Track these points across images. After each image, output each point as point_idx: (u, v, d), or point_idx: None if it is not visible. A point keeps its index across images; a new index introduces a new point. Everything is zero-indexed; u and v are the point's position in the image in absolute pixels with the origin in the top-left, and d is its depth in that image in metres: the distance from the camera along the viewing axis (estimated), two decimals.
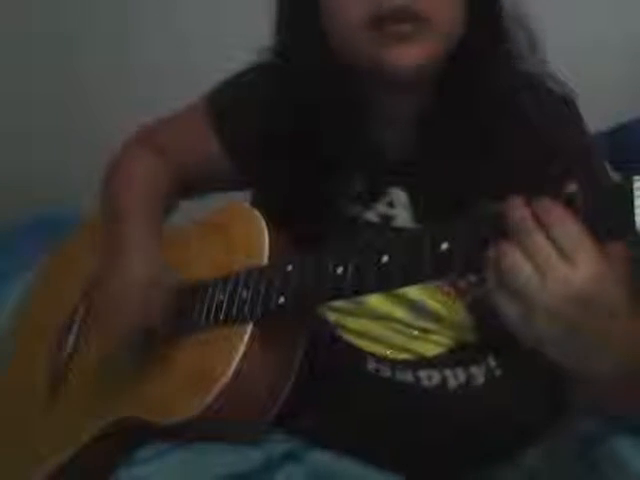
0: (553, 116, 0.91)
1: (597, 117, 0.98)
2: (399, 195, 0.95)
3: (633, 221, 0.63)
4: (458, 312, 0.93)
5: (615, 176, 0.96)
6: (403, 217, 0.95)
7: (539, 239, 0.66)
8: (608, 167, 0.95)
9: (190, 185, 1.08)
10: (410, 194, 0.95)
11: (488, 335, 0.92)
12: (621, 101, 1.46)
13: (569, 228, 0.66)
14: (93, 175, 1.11)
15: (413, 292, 0.94)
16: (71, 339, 1.07)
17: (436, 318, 0.94)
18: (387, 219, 0.95)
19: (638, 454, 1.00)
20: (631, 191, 0.63)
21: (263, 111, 0.97)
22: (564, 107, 0.93)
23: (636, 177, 0.63)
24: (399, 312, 0.95)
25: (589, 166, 0.89)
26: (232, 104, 1.04)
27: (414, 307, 0.94)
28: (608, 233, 0.65)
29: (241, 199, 1.05)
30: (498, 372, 0.93)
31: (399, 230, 0.94)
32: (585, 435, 1.01)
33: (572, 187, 0.67)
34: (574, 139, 0.91)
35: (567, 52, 0.88)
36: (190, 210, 1.09)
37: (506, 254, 0.67)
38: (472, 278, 0.91)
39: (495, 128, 0.89)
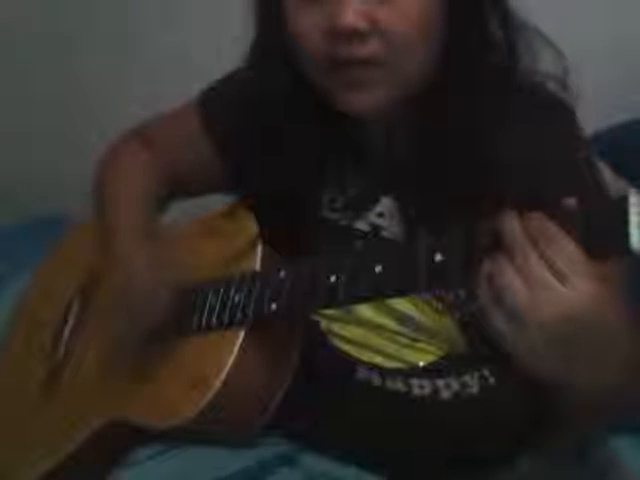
0: (548, 127, 0.89)
1: (593, 117, 0.98)
2: (389, 204, 0.94)
3: (628, 239, 0.62)
4: (446, 326, 0.93)
5: (613, 177, 0.95)
6: (392, 228, 0.94)
7: (533, 257, 0.66)
8: (605, 169, 0.94)
9: (182, 185, 1.07)
10: (399, 203, 0.94)
11: (479, 348, 0.92)
12: (617, 101, 1.46)
13: (564, 246, 0.65)
14: (93, 176, 1.11)
15: (402, 304, 0.93)
16: (65, 339, 1.07)
17: (425, 331, 0.94)
18: (377, 229, 0.95)
19: (638, 454, 1.00)
20: (626, 209, 0.62)
21: (251, 110, 0.97)
22: (560, 116, 0.90)
23: (631, 194, 0.63)
24: (388, 322, 0.94)
25: (584, 181, 0.88)
26: (223, 103, 1.04)
27: (403, 319, 0.94)
28: (603, 251, 0.65)
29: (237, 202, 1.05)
30: (492, 381, 0.93)
31: (392, 240, 0.94)
32: (585, 435, 1.01)
33: (570, 203, 0.67)
34: (569, 152, 0.89)
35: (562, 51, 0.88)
36: (188, 210, 1.09)
37: (500, 270, 0.67)
38: (462, 293, 0.90)
39: (486, 139, 0.87)
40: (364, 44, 0.81)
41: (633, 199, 0.62)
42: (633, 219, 0.62)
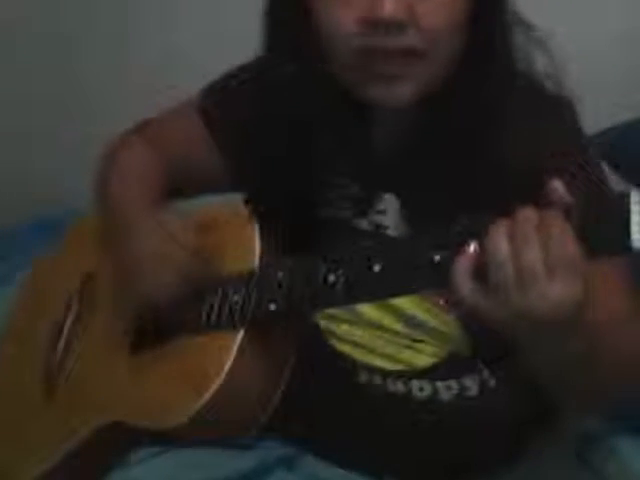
0: (547, 123, 0.89)
1: (593, 117, 0.97)
2: (392, 202, 0.94)
3: (629, 237, 0.62)
4: (449, 324, 0.93)
5: (614, 178, 0.95)
6: (395, 225, 0.94)
7: (534, 247, 0.65)
8: (606, 170, 0.94)
9: (183, 183, 1.07)
10: (402, 200, 0.93)
11: (480, 347, 0.92)
12: (618, 100, 1.46)
13: (566, 244, 0.65)
14: (92, 175, 1.10)
15: (404, 303, 0.93)
16: (63, 340, 1.07)
17: (427, 330, 0.93)
18: (379, 227, 0.95)
19: (638, 454, 1.00)
20: (628, 206, 0.62)
21: (254, 109, 0.96)
22: (559, 112, 0.91)
23: (633, 192, 0.62)
24: (390, 322, 0.94)
25: (584, 178, 0.87)
26: (224, 101, 1.04)
27: (405, 318, 0.94)
28: (602, 248, 0.65)
29: (236, 200, 1.05)
30: (492, 382, 0.93)
31: (391, 238, 0.93)
32: (585, 435, 1.01)
33: (568, 200, 0.67)
34: (569, 148, 0.89)
35: (563, 51, 0.88)
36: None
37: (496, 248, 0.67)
38: None
39: (487, 135, 0.88)
40: (402, 35, 0.81)
41: (635, 197, 0.62)
42: (634, 217, 0.62)
